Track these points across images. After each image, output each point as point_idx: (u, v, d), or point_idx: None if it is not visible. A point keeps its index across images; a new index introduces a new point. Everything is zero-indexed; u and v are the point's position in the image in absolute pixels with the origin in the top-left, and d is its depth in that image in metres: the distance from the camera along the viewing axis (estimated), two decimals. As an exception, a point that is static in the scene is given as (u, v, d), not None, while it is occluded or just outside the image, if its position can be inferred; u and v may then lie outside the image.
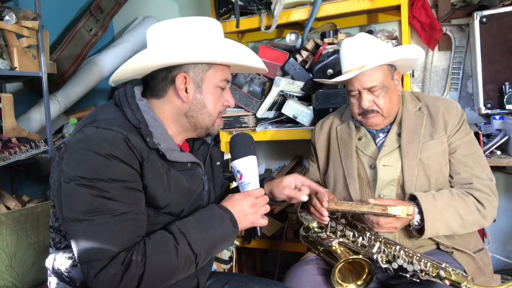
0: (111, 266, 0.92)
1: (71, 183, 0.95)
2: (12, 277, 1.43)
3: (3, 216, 1.44)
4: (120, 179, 0.96)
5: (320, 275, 1.37)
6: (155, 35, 1.10)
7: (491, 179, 1.37)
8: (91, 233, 0.93)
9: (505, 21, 1.81)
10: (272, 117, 2.25)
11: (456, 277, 1.19)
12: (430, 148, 1.38)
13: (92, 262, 0.93)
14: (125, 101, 1.07)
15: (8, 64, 2.08)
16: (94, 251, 0.93)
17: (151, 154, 1.03)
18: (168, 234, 1.01)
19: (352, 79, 1.39)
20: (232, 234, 1.08)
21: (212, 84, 1.11)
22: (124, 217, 0.96)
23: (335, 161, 1.53)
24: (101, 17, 2.81)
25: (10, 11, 2.06)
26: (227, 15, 2.27)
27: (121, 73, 1.12)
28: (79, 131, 1.02)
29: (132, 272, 0.93)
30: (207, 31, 1.10)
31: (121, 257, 0.93)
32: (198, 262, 1.02)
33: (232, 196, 1.13)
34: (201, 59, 1.08)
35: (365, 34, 1.43)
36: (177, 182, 1.08)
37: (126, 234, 0.96)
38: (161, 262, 0.97)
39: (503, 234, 2.18)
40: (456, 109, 1.41)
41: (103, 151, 0.95)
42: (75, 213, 0.95)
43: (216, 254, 1.09)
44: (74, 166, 0.97)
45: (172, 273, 0.99)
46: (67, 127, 2.63)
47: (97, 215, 0.94)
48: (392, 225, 1.27)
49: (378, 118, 1.41)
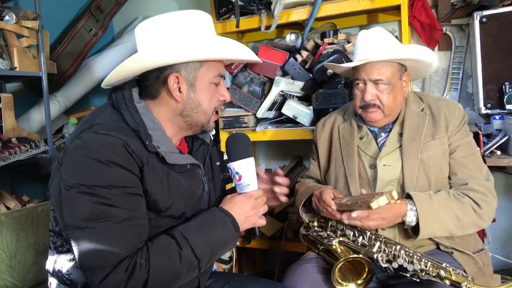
0: (115, 273, 0.92)
1: (72, 190, 0.95)
2: (12, 277, 1.43)
3: (3, 216, 1.43)
4: (120, 185, 0.95)
5: (320, 274, 1.37)
6: (143, 34, 1.08)
7: (488, 179, 1.37)
8: (94, 241, 0.93)
9: (505, 21, 1.81)
10: (272, 117, 2.25)
11: (456, 277, 1.19)
12: (431, 149, 1.38)
13: (96, 269, 0.92)
14: (123, 103, 1.05)
15: (8, 64, 2.08)
16: (97, 259, 0.92)
17: (151, 158, 1.02)
18: (171, 239, 1.00)
19: (360, 68, 1.39)
20: (234, 238, 1.08)
21: (206, 81, 1.09)
22: (126, 223, 0.95)
23: (337, 160, 1.53)
24: (101, 17, 2.81)
25: (10, 11, 2.05)
26: (227, 15, 2.27)
27: (112, 77, 1.10)
28: (77, 137, 1.00)
29: (136, 279, 0.93)
30: (196, 26, 1.07)
31: (125, 264, 0.93)
32: (201, 266, 1.02)
33: (232, 198, 1.12)
34: (192, 57, 1.05)
35: (382, 28, 1.43)
36: (177, 185, 1.07)
37: (128, 240, 0.95)
38: (165, 268, 0.97)
39: (503, 234, 2.18)
40: (458, 110, 1.41)
41: (102, 158, 0.94)
42: (76, 220, 0.94)
43: (218, 257, 1.09)
44: (74, 173, 0.96)
45: (175, 278, 0.99)
46: (67, 127, 2.63)
47: (99, 222, 0.93)
48: (380, 216, 1.26)
49: (379, 114, 1.40)
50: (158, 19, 1.07)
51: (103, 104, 1.12)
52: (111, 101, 1.09)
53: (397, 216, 1.29)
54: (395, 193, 1.22)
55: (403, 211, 1.29)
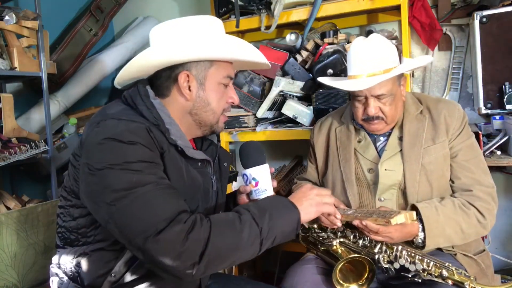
0: (172, 225, 0.88)
1: (103, 170, 0.94)
2: (12, 277, 1.43)
3: (3, 216, 1.43)
4: (148, 160, 0.96)
5: (320, 275, 1.37)
6: (157, 35, 1.11)
7: (493, 186, 1.35)
8: (139, 203, 0.90)
9: (505, 21, 1.81)
10: (272, 117, 2.25)
11: (459, 277, 1.18)
12: (432, 153, 1.37)
13: (149, 229, 0.88)
14: (140, 99, 1.07)
15: (8, 64, 2.08)
16: (149, 217, 0.89)
17: (171, 148, 1.04)
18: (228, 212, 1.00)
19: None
20: (293, 212, 1.03)
21: (215, 81, 1.12)
22: (164, 186, 0.95)
23: (334, 164, 1.52)
24: (101, 17, 2.81)
25: (10, 11, 2.05)
26: (227, 15, 2.27)
27: (125, 74, 1.12)
28: (96, 126, 1.00)
29: (197, 233, 0.89)
30: (208, 28, 1.10)
31: (183, 217, 0.90)
32: (262, 237, 0.96)
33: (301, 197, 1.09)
34: (203, 56, 1.08)
35: (377, 36, 1.36)
36: (194, 179, 1.09)
37: (173, 198, 0.94)
38: (226, 228, 0.93)
39: (503, 234, 2.18)
40: (458, 112, 1.39)
41: (126, 139, 0.95)
42: (115, 192, 0.92)
43: (279, 234, 1.00)
44: (102, 156, 0.95)
45: (237, 241, 0.93)
46: (67, 127, 2.63)
47: (140, 187, 0.92)
48: (389, 235, 1.25)
49: (381, 124, 1.39)
50: (173, 21, 1.10)
51: (111, 102, 1.13)
52: (123, 99, 1.11)
53: (406, 237, 1.28)
54: (414, 214, 1.23)
55: (414, 233, 1.28)
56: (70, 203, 1.09)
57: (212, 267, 0.91)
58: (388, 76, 1.31)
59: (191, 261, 0.88)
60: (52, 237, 1.55)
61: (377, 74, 1.31)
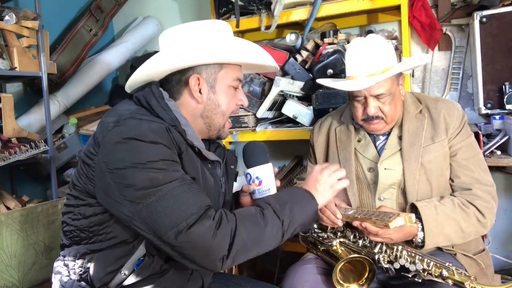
0: (202, 220, 0.93)
1: (126, 169, 0.95)
2: (12, 277, 1.43)
3: (3, 216, 1.43)
4: (170, 159, 0.99)
5: (320, 275, 1.37)
6: (168, 39, 1.13)
7: (493, 184, 1.35)
8: (167, 200, 0.94)
9: (505, 21, 1.81)
10: (272, 117, 2.25)
11: (459, 277, 1.18)
12: (431, 152, 1.37)
13: (180, 223, 0.92)
14: (155, 100, 1.08)
15: (8, 64, 2.08)
16: (178, 212, 0.93)
17: (188, 148, 1.06)
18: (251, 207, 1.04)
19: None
20: (312, 201, 1.09)
21: (225, 84, 1.14)
22: (189, 182, 0.98)
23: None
24: (101, 17, 2.81)
25: (10, 11, 2.06)
26: (227, 15, 2.27)
27: (135, 78, 1.13)
28: (116, 125, 1.01)
29: (224, 228, 0.94)
30: (217, 32, 1.12)
31: (210, 213, 0.95)
32: (284, 230, 1.01)
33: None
34: (213, 59, 1.10)
35: (374, 37, 1.37)
36: (208, 179, 1.11)
37: (199, 194, 0.98)
38: (250, 222, 0.98)
39: (503, 234, 2.18)
40: (457, 111, 1.39)
41: (148, 139, 0.97)
42: (141, 190, 0.94)
43: (299, 225, 1.06)
44: (123, 155, 0.97)
45: (261, 236, 0.98)
46: (67, 127, 2.63)
47: (166, 184, 0.95)
48: (389, 236, 1.26)
49: (381, 124, 1.39)
50: (182, 26, 1.12)
51: (121, 102, 1.14)
52: (135, 100, 1.11)
53: (406, 237, 1.29)
54: (413, 217, 1.23)
55: (414, 233, 1.28)
56: (82, 202, 1.08)
57: (239, 259, 0.97)
58: (386, 76, 1.31)
59: (221, 254, 0.93)
60: (53, 237, 1.55)
61: (375, 74, 1.32)
